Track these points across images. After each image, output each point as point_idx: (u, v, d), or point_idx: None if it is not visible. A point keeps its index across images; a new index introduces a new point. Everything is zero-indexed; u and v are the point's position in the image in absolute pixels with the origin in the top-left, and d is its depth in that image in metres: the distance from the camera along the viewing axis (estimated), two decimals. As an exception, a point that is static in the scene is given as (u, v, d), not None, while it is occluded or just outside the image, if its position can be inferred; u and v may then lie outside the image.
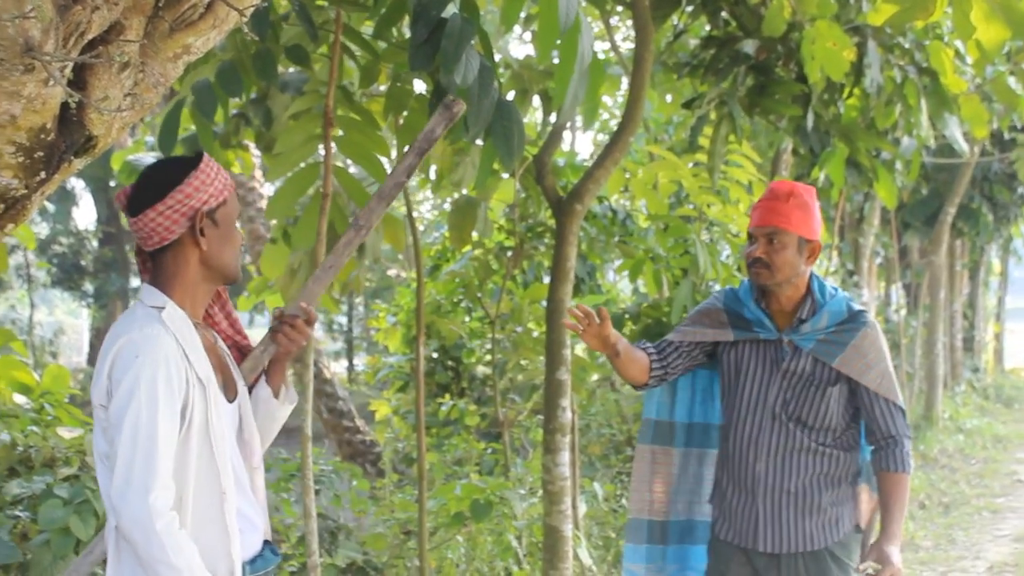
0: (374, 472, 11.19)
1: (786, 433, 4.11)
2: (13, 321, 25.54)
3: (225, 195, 3.01)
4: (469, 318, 10.65)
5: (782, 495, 4.12)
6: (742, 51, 6.88)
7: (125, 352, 2.82)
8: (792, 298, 4.12)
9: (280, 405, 3.22)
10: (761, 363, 4.17)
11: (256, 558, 3.06)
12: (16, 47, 2.26)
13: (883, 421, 4.09)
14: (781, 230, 4.01)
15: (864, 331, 4.08)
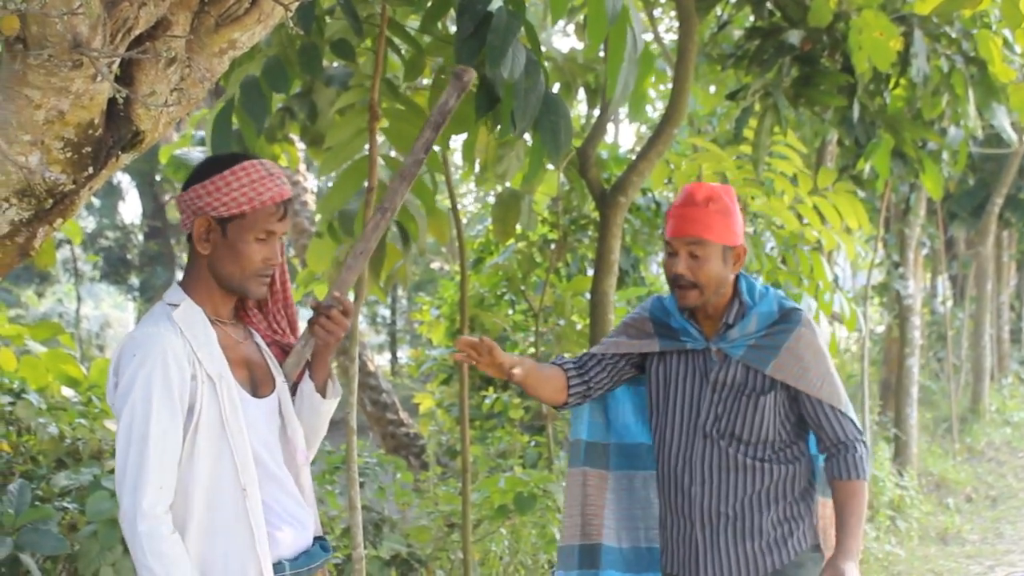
0: (418, 465, 11.21)
1: (719, 451, 3.72)
2: (60, 315, 25.77)
3: (245, 208, 2.91)
4: (512, 311, 10.64)
5: (719, 519, 3.73)
6: (787, 42, 6.85)
7: (126, 351, 2.86)
8: (718, 304, 3.74)
9: (323, 400, 3.20)
10: (690, 376, 3.79)
11: (301, 555, 3.06)
12: (64, 43, 2.27)
13: (830, 427, 3.70)
14: (703, 240, 3.64)
15: (798, 331, 3.68)
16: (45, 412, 5.70)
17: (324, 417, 3.23)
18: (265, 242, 2.97)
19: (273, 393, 3.09)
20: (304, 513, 3.10)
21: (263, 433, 3.01)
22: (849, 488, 3.67)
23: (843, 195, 7.82)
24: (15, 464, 5.55)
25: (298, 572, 3.03)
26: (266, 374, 3.11)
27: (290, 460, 3.12)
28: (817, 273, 8.00)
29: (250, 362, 3.07)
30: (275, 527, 2.99)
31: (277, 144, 6.33)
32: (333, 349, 3.17)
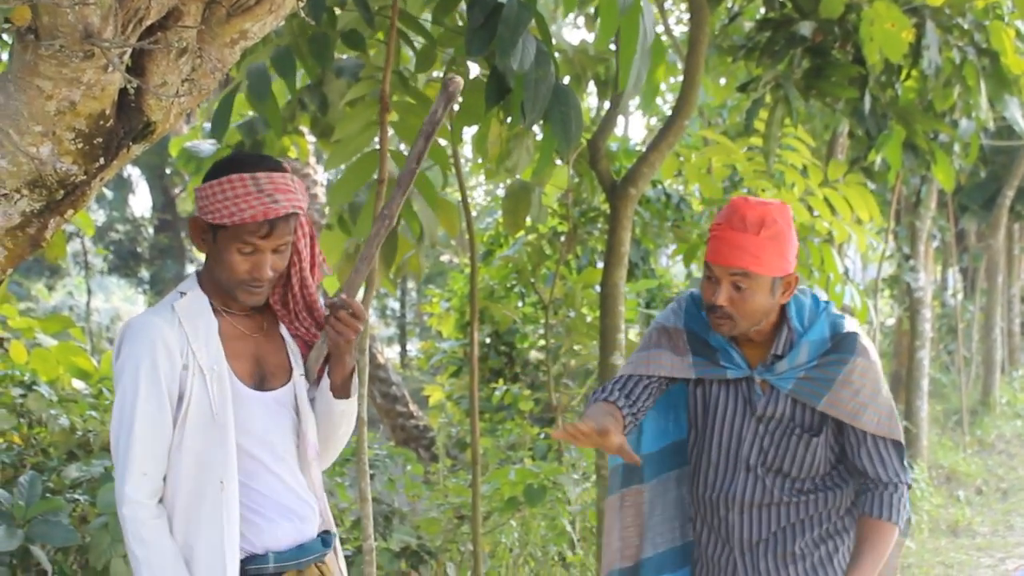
0: (428, 457, 11.22)
1: (762, 487, 3.46)
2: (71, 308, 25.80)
3: (226, 222, 2.93)
4: (522, 303, 10.65)
5: (759, 543, 3.48)
6: (798, 33, 6.83)
7: (123, 336, 2.96)
8: (763, 330, 3.39)
9: (335, 399, 3.18)
10: (731, 404, 3.47)
11: (295, 547, 3.08)
12: (76, 33, 2.27)
13: (871, 464, 3.37)
14: (751, 274, 3.25)
15: (854, 361, 3.32)
16: (56, 404, 5.71)
17: (339, 416, 3.21)
18: (249, 256, 2.97)
19: (286, 386, 3.11)
20: (305, 507, 3.12)
21: (260, 426, 3.04)
22: (876, 527, 3.33)
23: (854, 187, 7.80)
24: (26, 456, 5.56)
25: (284, 564, 3.05)
26: (280, 367, 3.13)
27: (301, 454, 3.14)
28: (828, 265, 7.99)
29: (259, 355, 3.10)
30: (269, 519, 3.03)
31: (288, 136, 6.33)
32: (348, 350, 3.14)
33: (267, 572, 3.02)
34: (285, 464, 3.09)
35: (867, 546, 3.31)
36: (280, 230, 2.97)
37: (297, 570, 3.08)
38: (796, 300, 3.41)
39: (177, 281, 14.28)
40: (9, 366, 6.06)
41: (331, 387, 3.18)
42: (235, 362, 3.02)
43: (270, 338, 3.15)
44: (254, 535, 3.01)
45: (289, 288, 3.17)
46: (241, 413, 2.98)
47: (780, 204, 3.36)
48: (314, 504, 3.15)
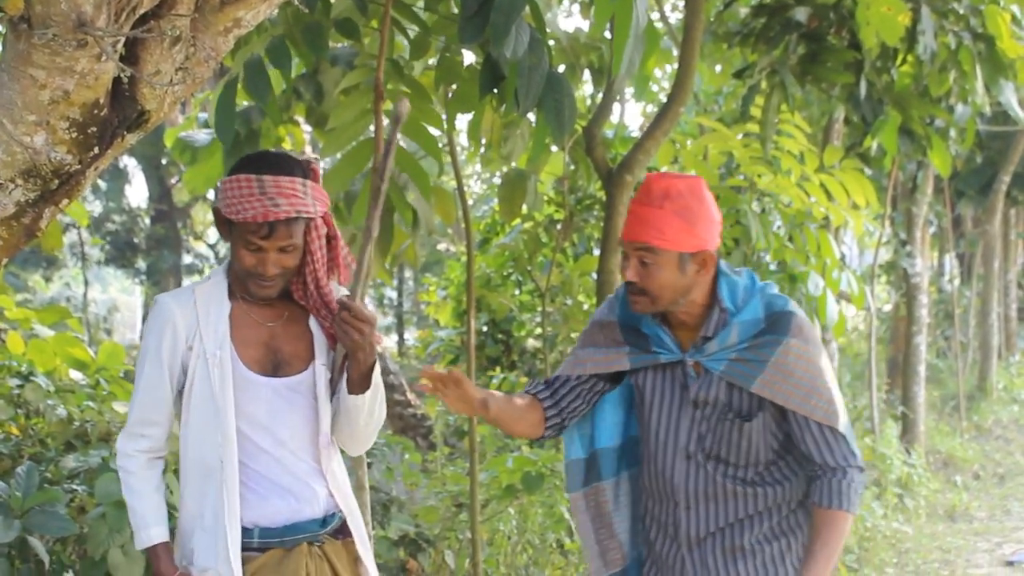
0: (425, 445, 11.22)
1: (704, 475, 3.33)
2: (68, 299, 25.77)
3: (233, 218, 3.10)
4: (519, 291, 10.65)
5: (706, 538, 3.36)
6: (793, 19, 6.83)
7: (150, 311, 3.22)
8: (691, 312, 3.28)
9: (348, 396, 3.26)
10: (668, 390, 3.36)
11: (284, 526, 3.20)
12: (69, 22, 2.27)
13: (817, 450, 3.24)
14: (654, 248, 3.16)
15: (787, 342, 3.19)
16: (53, 395, 5.71)
17: (354, 411, 3.28)
18: (255, 252, 3.12)
19: (302, 373, 3.25)
20: (305, 489, 3.24)
21: (264, 410, 3.19)
22: (827, 516, 3.22)
23: (850, 173, 7.80)
24: (24, 446, 5.56)
25: (268, 541, 3.19)
26: (298, 356, 3.27)
27: (313, 439, 3.27)
28: (824, 251, 7.99)
29: (275, 343, 3.25)
30: (260, 496, 3.19)
31: (283, 125, 6.32)
32: (361, 348, 3.19)
33: (252, 546, 3.17)
34: (286, 448, 3.22)
35: (820, 540, 3.21)
36: (280, 233, 3.09)
37: (284, 547, 3.19)
38: (729, 280, 3.29)
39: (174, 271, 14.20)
40: (6, 357, 6.05)
41: (347, 381, 3.27)
42: (243, 348, 3.19)
43: (290, 327, 3.28)
44: (244, 509, 3.17)
45: (305, 288, 3.28)
46: (243, 397, 3.15)
47: (693, 178, 3.27)
48: (318, 487, 3.26)
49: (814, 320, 7.80)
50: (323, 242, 3.25)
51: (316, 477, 3.26)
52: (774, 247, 7.84)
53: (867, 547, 9.00)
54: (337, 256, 3.31)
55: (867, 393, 12.77)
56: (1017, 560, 8.76)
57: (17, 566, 4.59)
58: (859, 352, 18.28)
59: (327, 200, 3.21)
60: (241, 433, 3.15)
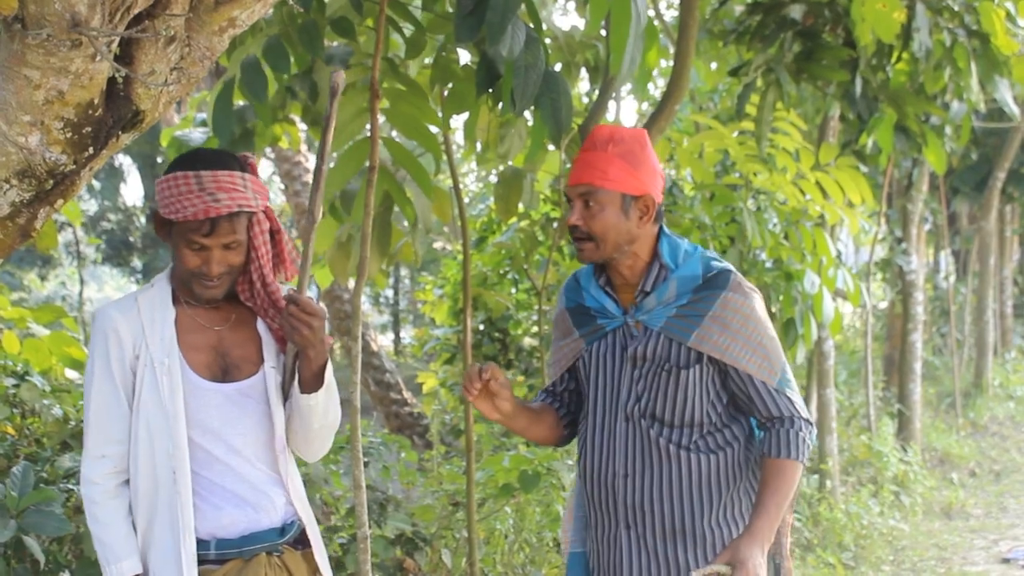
0: (422, 444, 11.23)
1: (640, 435, 3.27)
2: (64, 298, 25.76)
3: (172, 218, 3.00)
4: (516, 290, 10.64)
5: (644, 516, 3.28)
6: (789, 16, 6.84)
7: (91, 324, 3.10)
8: (634, 268, 3.30)
9: (300, 395, 3.18)
10: (610, 354, 3.35)
11: (242, 536, 3.11)
12: (63, 22, 2.26)
13: (762, 404, 3.24)
14: (596, 188, 3.20)
15: (724, 296, 3.21)
16: (49, 394, 5.71)
17: (306, 411, 3.19)
18: (198, 252, 3.03)
19: (252, 377, 3.15)
20: (261, 497, 3.15)
21: (215, 417, 3.09)
22: (776, 466, 3.18)
23: (846, 170, 7.81)
24: (19, 446, 5.55)
25: (226, 552, 3.09)
26: (247, 359, 3.17)
27: (268, 445, 3.17)
28: (820, 248, 7.99)
29: (223, 346, 3.15)
30: (214, 506, 3.09)
31: (278, 124, 6.31)
32: (310, 344, 3.11)
33: (209, 558, 3.08)
34: (240, 455, 3.13)
35: (768, 490, 3.15)
36: (223, 229, 3.01)
37: (242, 558, 3.10)
38: (670, 240, 3.33)
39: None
40: (2, 356, 6.05)
41: (299, 381, 3.18)
42: (191, 353, 3.09)
43: (238, 330, 3.19)
44: (198, 521, 3.07)
45: (252, 286, 3.20)
46: (193, 404, 3.06)
47: (637, 129, 3.33)
48: (275, 496, 3.17)
49: (810, 318, 7.81)
50: (267, 237, 3.16)
51: (273, 485, 3.17)
52: (770, 245, 7.83)
53: (863, 544, 9.01)
54: (282, 251, 3.23)
55: (863, 390, 12.78)
56: (1014, 557, 8.76)
57: (13, 566, 4.58)
58: (855, 349, 18.29)
59: (267, 194, 3.14)
60: (193, 442, 3.04)
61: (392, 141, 4.96)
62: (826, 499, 9.38)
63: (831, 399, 9.87)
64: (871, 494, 10.20)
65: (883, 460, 10.86)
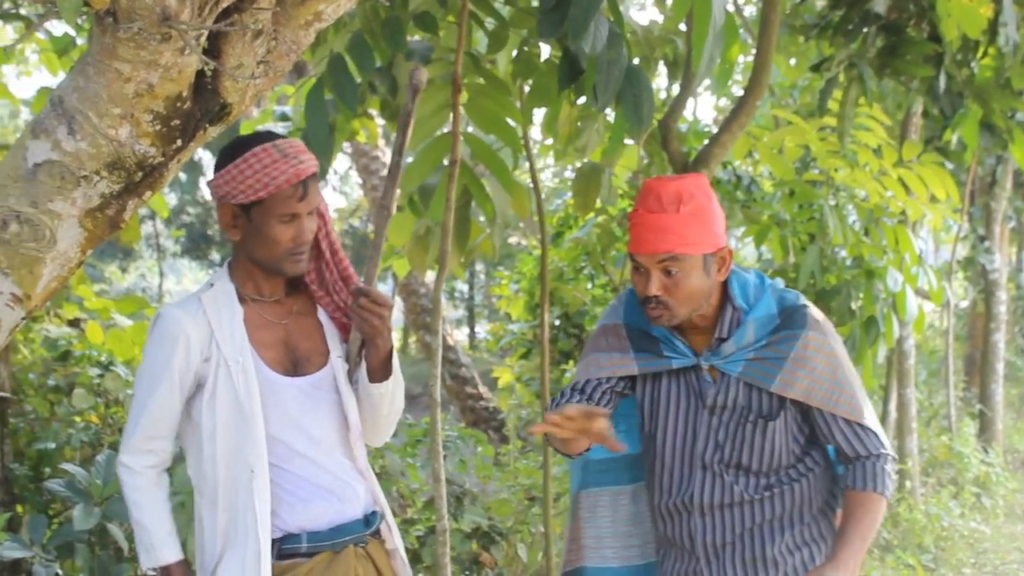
0: (497, 438, 11.25)
1: (722, 486, 3.17)
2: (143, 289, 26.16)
3: (262, 194, 2.98)
4: (592, 285, 10.62)
5: (724, 547, 3.20)
6: (872, 11, 6.73)
7: (152, 326, 3.07)
8: (706, 314, 3.13)
9: (370, 383, 3.21)
10: (683, 398, 3.19)
11: (331, 528, 3.11)
12: (154, 16, 2.28)
13: (847, 443, 3.12)
14: (679, 256, 3.00)
15: (805, 336, 3.06)
16: (132, 384, 5.78)
17: (377, 400, 3.22)
18: (290, 223, 3.03)
19: (322, 369, 3.17)
20: (345, 488, 3.15)
21: (294, 412, 3.09)
22: (861, 499, 3.08)
23: (929, 166, 7.70)
24: (103, 435, 5.63)
25: (318, 545, 3.09)
26: (314, 351, 3.18)
27: (343, 435, 3.19)
28: (903, 245, 7.89)
29: (292, 340, 3.15)
30: (302, 499, 3.08)
31: (357, 119, 6.34)
32: (379, 334, 3.14)
33: (300, 551, 3.07)
34: (321, 447, 3.13)
35: (853, 518, 3.05)
36: (312, 190, 3.04)
37: (333, 550, 3.10)
38: (738, 277, 3.16)
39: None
40: (86, 346, 6.14)
41: (367, 370, 3.21)
42: (263, 350, 3.09)
43: (302, 323, 3.20)
44: (288, 514, 3.06)
45: (321, 258, 3.21)
46: (271, 400, 3.05)
47: (695, 176, 3.11)
48: (357, 485, 3.18)
49: (891, 316, 7.71)
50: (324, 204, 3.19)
51: (353, 474, 3.18)
52: (850, 243, 7.75)
53: (944, 547, 8.89)
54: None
55: (944, 391, 12.61)
56: (1098, 561, 8.61)
57: (97, 552, 4.65)
58: (935, 349, 18.05)
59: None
60: (272, 438, 3.04)
61: (472, 136, 4.97)
62: (906, 500, 9.27)
63: (911, 399, 9.75)
64: (952, 495, 10.07)
65: (964, 461, 10.71)
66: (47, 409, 5.83)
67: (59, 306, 6.63)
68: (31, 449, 5.54)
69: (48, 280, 2.59)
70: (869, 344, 7.57)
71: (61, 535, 4.50)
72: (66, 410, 5.68)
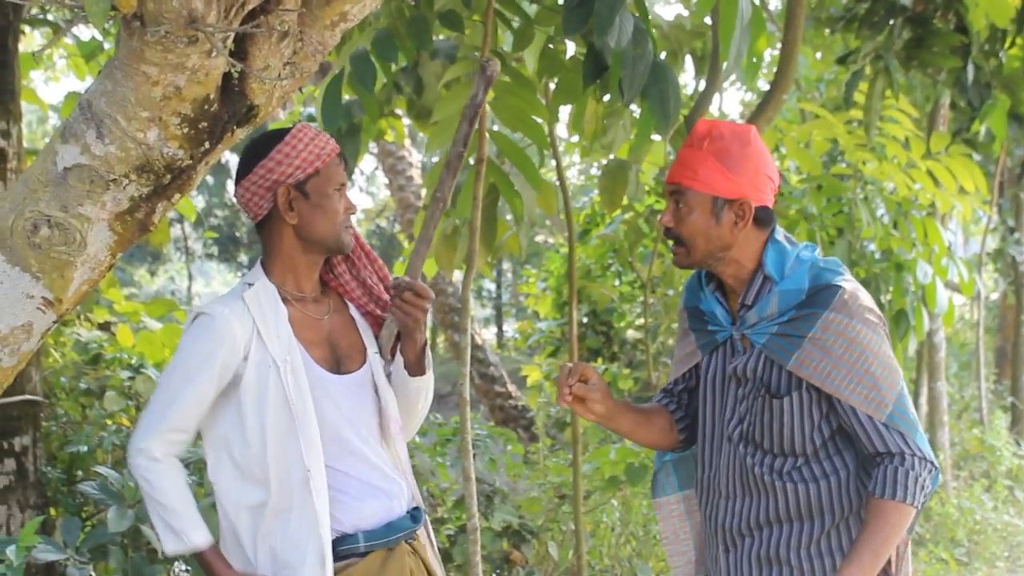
0: (527, 437, 11.24)
1: (738, 460, 3.09)
2: (172, 292, 26.29)
3: (316, 165, 3.03)
4: (620, 282, 10.62)
5: (742, 540, 3.12)
6: (898, 3, 6.71)
7: (193, 320, 3.02)
8: (738, 276, 3.07)
9: (410, 377, 3.22)
10: (718, 369, 3.16)
11: (383, 526, 3.09)
12: (181, 19, 2.29)
13: (867, 437, 2.95)
14: (685, 188, 3.00)
15: (825, 317, 2.92)
16: (162, 386, 5.80)
17: (415, 394, 3.24)
18: (340, 191, 3.08)
19: (363, 367, 3.16)
20: (392, 484, 3.14)
21: (344, 409, 3.08)
22: (878, 507, 2.92)
23: (958, 158, 7.66)
24: (135, 438, 5.64)
25: (373, 544, 3.07)
26: (355, 348, 3.18)
27: (384, 431, 3.19)
28: (932, 237, 7.85)
29: (333, 338, 3.14)
30: (355, 498, 3.06)
31: (383, 119, 6.35)
32: (417, 329, 3.17)
33: (357, 551, 3.04)
34: (369, 444, 3.12)
35: (867, 532, 2.91)
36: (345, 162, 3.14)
37: (387, 548, 3.09)
38: (777, 247, 3.06)
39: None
40: (117, 349, 6.17)
41: (405, 365, 3.22)
42: (311, 348, 3.07)
43: (339, 320, 3.19)
44: (342, 514, 3.03)
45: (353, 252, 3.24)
46: (322, 399, 3.03)
47: (742, 125, 3.07)
48: (402, 481, 3.18)
49: (921, 309, 7.68)
50: None
51: (397, 471, 3.17)
52: (879, 235, 7.72)
53: (977, 540, 8.84)
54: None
55: (975, 383, 12.53)
56: None
57: (131, 554, 4.67)
58: (965, 342, 17.94)
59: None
60: (325, 436, 3.00)
61: (499, 134, 4.97)
62: (938, 493, 9.22)
63: (942, 392, 9.71)
64: (984, 489, 10.01)
65: (996, 454, 10.65)
66: (79, 412, 5.86)
67: (89, 310, 6.66)
68: (63, 452, 5.57)
69: (79, 284, 2.60)
70: (899, 338, 7.54)
71: (95, 537, 4.52)
72: (98, 413, 5.71)
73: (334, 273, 3.24)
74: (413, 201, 11.83)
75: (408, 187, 11.92)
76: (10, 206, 2.52)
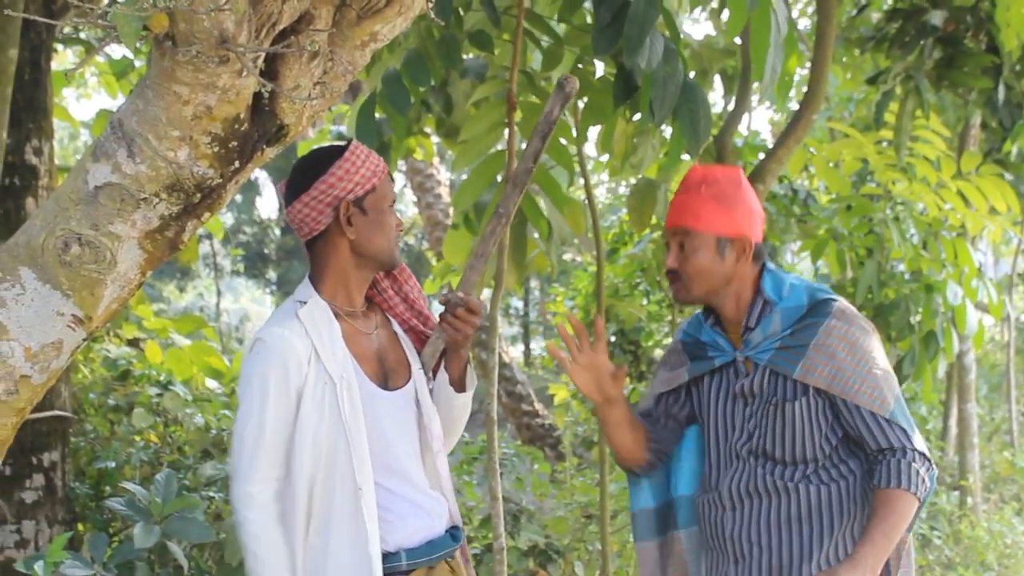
0: (554, 456, 11.22)
1: (749, 473, 3.22)
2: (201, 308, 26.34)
3: (374, 182, 3.06)
4: (647, 301, 10.59)
5: (751, 550, 3.20)
6: (929, 23, 6.70)
7: (253, 348, 2.98)
8: (738, 307, 3.26)
9: (456, 393, 3.22)
10: (721, 393, 3.31)
11: (425, 544, 3.08)
12: (212, 39, 2.30)
13: (870, 435, 3.12)
14: (690, 231, 3.19)
15: (828, 324, 3.13)
16: (191, 403, 5.83)
17: (459, 410, 3.26)
18: (392, 208, 3.12)
19: (408, 383, 3.15)
20: (434, 503, 3.13)
21: (391, 426, 3.07)
22: (886, 496, 3.04)
23: (988, 178, 7.61)
24: (162, 454, 5.68)
25: (416, 562, 3.05)
26: (400, 363, 3.17)
27: (426, 448, 3.17)
28: (962, 258, 7.79)
29: (381, 353, 3.14)
30: (399, 516, 3.04)
31: (413, 137, 6.37)
32: (465, 345, 3.19)
33: (400, 570, 3.02)
34: (412, 462, 3.11)
35: (877, 518, 3.01)
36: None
37: (428, 567, 3.07)
38: (773, 275, 3.28)
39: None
40: (145, 366, 6.19)
41: (450, 381, 3.22)
42: (363, 364, 3.06)
43: (386, 335, 3.20)
44: (386, 533, 3.00)
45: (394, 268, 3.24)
46: (372, 415, 3.01)
47: (731, 168, 3.31)
48: (442, 500, 3.17)
49: (951, 331, 7.62)
50: None
51: (437, 490, 3.16)
52: (908, 257, 7.68)
53: (1007, 564, 8.76)
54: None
55: (1005, 405, 12.45)
56: None
57: (157, 571, 4.68)
58: (995, 363, 17.83)
59: None
60: (373, 454, 2.98)
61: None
62: (967, 516, 9.15)
63: (972, 414, 9.63)
64: (1015, 512, 9.93)
65: (1029, 478, 10.57)
66: (107, 428, 5.89)
67: (118, 326, 6.70)
68: (92, 468, 5.59)
69: (108, 301, 2.61)
70: (929, 359, 7.49)
71: (122, 553, 4.53)
72: (126, 429, 5.73)
73: (378, 289, 3.25)
74: (441, 219, 11.85)
75: (436, 205, 11.93)
76: (41, 224, 2.54)
